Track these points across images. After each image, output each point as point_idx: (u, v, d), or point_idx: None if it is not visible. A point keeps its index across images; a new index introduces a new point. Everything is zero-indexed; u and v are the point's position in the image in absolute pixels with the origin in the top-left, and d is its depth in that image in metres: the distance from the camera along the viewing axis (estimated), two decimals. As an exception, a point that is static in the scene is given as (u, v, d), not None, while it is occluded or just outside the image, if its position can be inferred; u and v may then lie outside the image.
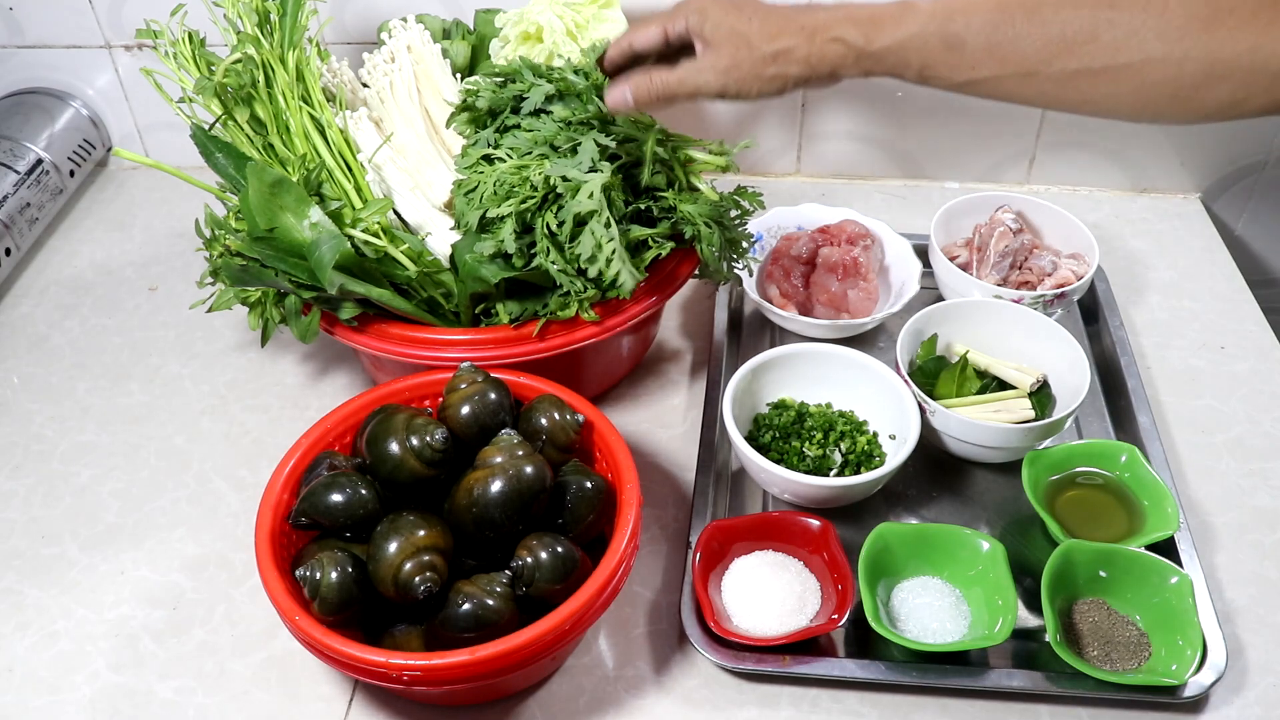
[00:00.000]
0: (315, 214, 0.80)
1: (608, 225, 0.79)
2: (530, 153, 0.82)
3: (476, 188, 0.81)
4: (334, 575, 0.65)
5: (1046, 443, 0.86)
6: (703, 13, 0.75)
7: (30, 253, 1.17)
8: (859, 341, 0.96)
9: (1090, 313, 1.03)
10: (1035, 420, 0.85)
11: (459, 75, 1.01)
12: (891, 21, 0.71)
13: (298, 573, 0.66)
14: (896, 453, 0.82)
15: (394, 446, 0.70)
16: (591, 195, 0.78)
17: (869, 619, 0.72)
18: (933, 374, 0.90)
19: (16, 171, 1.14)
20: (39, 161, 1.17)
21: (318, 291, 0.81)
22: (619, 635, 0.78)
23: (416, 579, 0.64)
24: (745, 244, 0.89)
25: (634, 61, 0.80)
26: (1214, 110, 0.66)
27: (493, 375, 0.76)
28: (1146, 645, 0.73)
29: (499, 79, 0.86)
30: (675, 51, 0.78)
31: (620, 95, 0.78)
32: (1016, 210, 1.04)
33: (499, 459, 0.68)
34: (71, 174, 1.21)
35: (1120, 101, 0.68)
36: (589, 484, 0.72)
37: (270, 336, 0.89)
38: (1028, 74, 0.68)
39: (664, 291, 0.87)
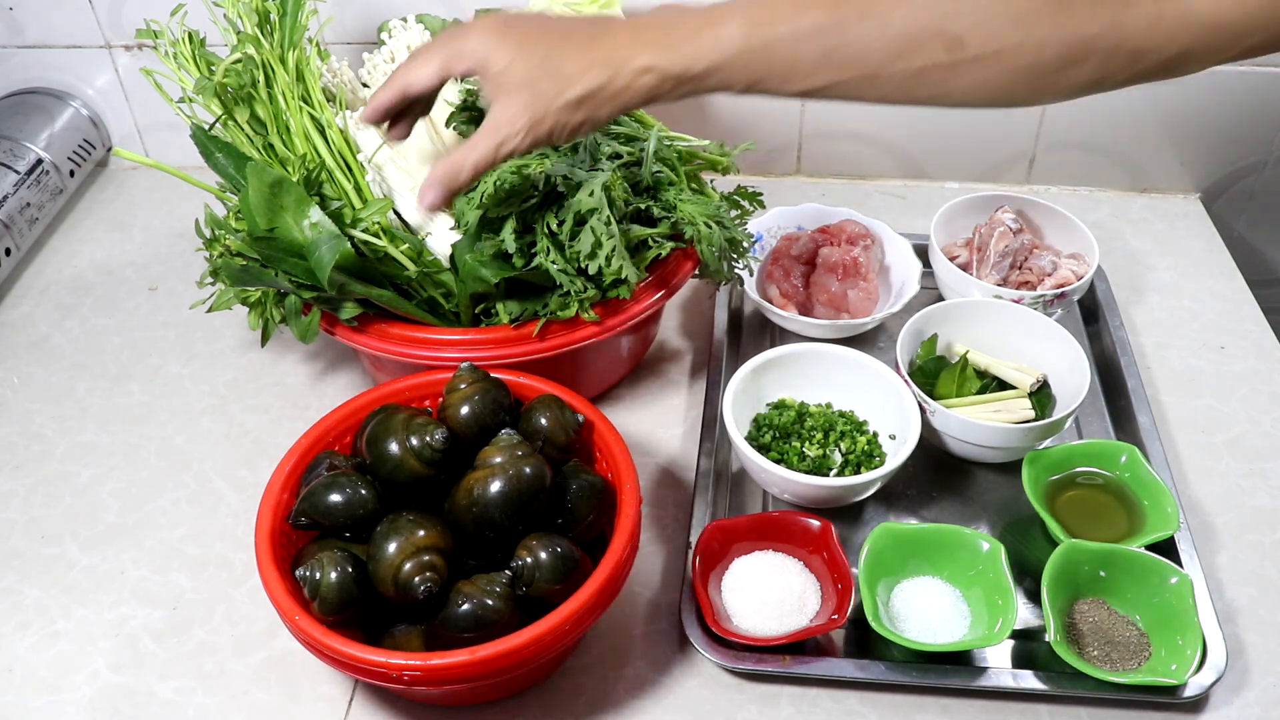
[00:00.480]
0: (315, 214, 0.80)
1: (608, 223, 0.79)
2: (530, 152, 0.82)
3: (477, 187, 0.81)
4: (334, 575, 0.65)
5: (1046, 443, 0.86)
6: (487, 52, 0.66)
7: (30, 253, 1.17)
8: (859, 341, 0.96)
9: (1090, 313, 1.03)
10: (1035, 420, 0.85)
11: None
12: (707, 38, 0.64)
13: (298, 573, 0.66)
14: (896, 453, 0.82)
15: (394, 446, 0.70)
16: (592, 194, 0.78)
17: (869, 619, 0.72)
18: (933, 374, 0.90)
19: (16, 171, 1.14)
20: (39, 161, 1.17)
21: (318, 291, 0.81)
22: (619, 635, 0.78)
23: (416, 579, 0.64)
24: (745, 244, 0.89)
25: (407, 101, 0.72)
26: (1076, 90, 0.63)
27: (493, 375, 0.76)
28: (1146, 645, 0.73)
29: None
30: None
31: (433, 196, 0.70)
32: (1016, 210, 1.04)
33: (499, 459, 0.68)
34: (71, 174, 1.21)
35: (976, 92, 0.63)
36: (589, 484, 0.72)
37: (270, 336, 0.89)
38: (869, 77, 0.63)
39: (664, 291, 0.87)
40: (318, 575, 0.65)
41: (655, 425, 0.94)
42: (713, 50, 0.64)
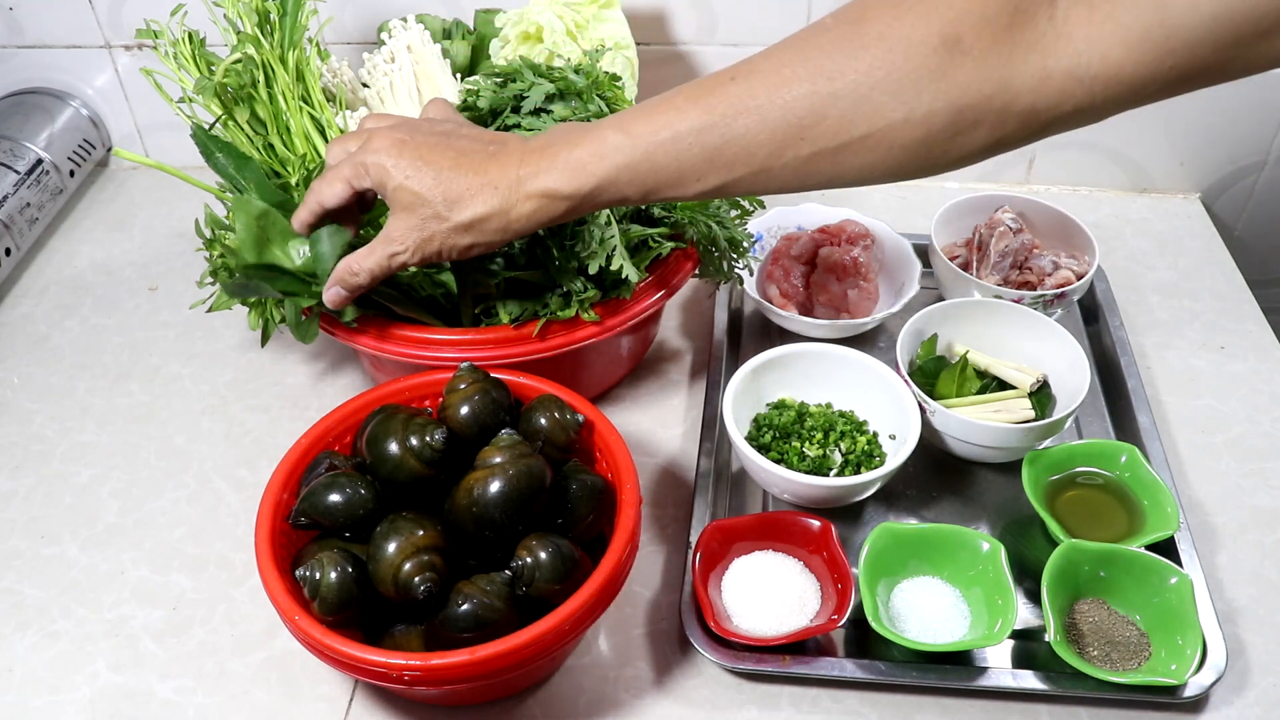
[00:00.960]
0: (304, 247, 0.80)
1: (608, 223, 0.79)
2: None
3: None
4: (334, 575, 0.65)
5: (1046, 443, 0.86)
6: (383, 171, 0.69)
7: (30, 253, 1.17)
8: (859, 341, 0.96)
9: (1090, 313, 1.03)
10: (1035, 420, 0.85)
11: (459, 75, 1.01)
12: (591, 157, 0.64)
13: (298, 573, 0.66)
14: (896, 453, 0.82)
15: (394, 446, 0.70)
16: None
17: (869, 619, 0.72)
18: (933, 374, 0.90)
19: (16, 171, 1.14)
20: (39, 161, 1.17)
21: (315, 299, 0.81)
22: (619, 635, 0.78)
23: (416, 579, 0.64)
24: (745, 244, 0.89)
25: (327, 217, 0.76)
26: (976, 154, 0.61)
27: (493, 375, 0.76)
28: (1147, 645, 0.73)
29: (499, 79, 0.86)
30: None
31: (334, 295, 0.76)
32: (1016, 210, 1.04)
33: (499, 459, 0.68)
34: (71, 174, 1.21)
35: (873, 170, 0.61)
36: (589, 484, 0.72)
37: (270, 337, 0.89)
38: (760, 170, 0.62)
39: (664, 291, 0.87)
40: (318, 575, 0.65)
41: (655, 425, 0.94)
42: (598, 168, 0.64)
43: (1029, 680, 0.72)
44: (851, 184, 0.64)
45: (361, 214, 0.79)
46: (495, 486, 0.67)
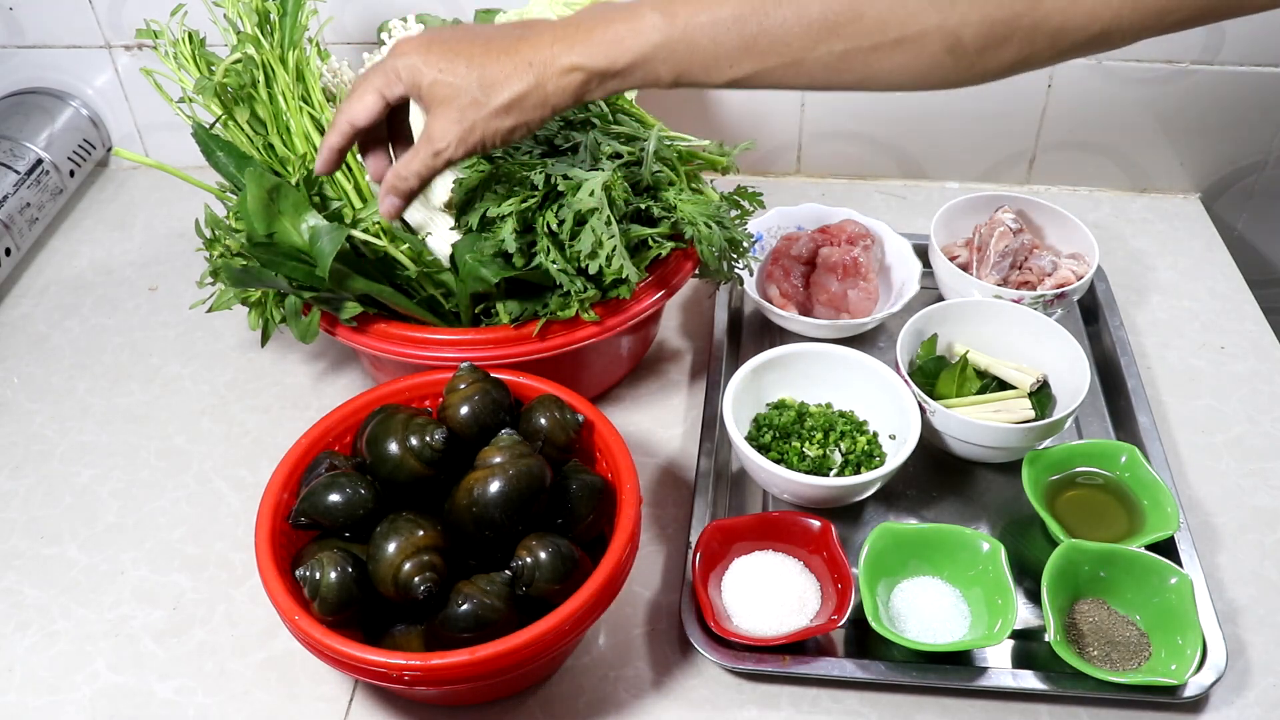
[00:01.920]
0: (313, 218, 0.80)
1: (608, 223, 0.79)
2: (531, 152, 0.82)
3: (477, 187, 0.81)
4: (334, 575, 0.65)
5: (1046, 443, 0.86)
6: (414, 71, 0.68)
7: (30, 253, 1.17)
8: (859, 341, 0.96)
9: (1090, 313, 1.03)
10: (1035, 420, 0.85)
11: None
12: (628, 33, 0.65)
13: (298, 573, 0.66)
14: (896, 453, 0.82)
15: (394, 446, 0.70)
16: (592, 193, 0.78)
17: (869, 619, 0.72)
18: (933, 374, 0.90)
19: (16, 171, 1.14)
20: (39, 161, 1.17)
21: (317, 291, 0.81)
22: (619, 635, 0.78)
23: (416, 579, 0.64)
24: (745, 244, 0.89)
25: (359, 135, 0.73)
26: (1002, 70, 0.63)
27: (493, 375, 0.76)
28: (1146, 645, 0.73)
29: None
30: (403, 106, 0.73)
31: (389, 205, 0.73)
32: (1016, 210, 1.04)
33: (499, 459, 0.68)
34: (71, 174, 1.21)
35: (901, 75, 0.63)
36: (589, 484, 0.72)
37: (270, 336, 0.89)
38: (792, 63, 0.63)
39: (664, 291, 0.87)
40: (318, 575, 0.65)
41: (655, 425, 0.94)
42: (635, 44, 0.65)
43: (1029, 680, 0.72)
44: (879, 88, 0.65)
45: (392, 140, 0.77)
46: (495, 486, 0.67)
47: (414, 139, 0.78)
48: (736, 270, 0.91)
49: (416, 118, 0.85)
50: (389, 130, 0.75)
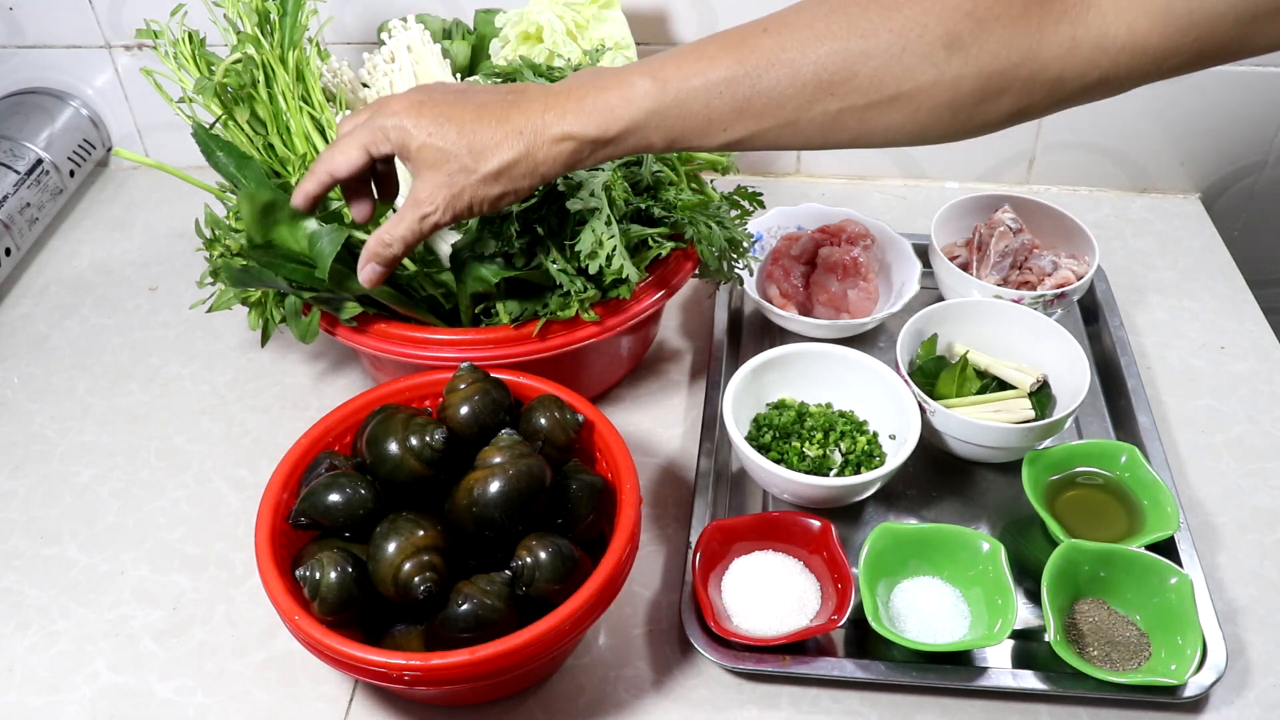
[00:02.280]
0: (311, 223, 0.80)
1: (609, 223, 0.79)
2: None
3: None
4: (334, 575, 0.65)
5: (1046, 443, 0.86)
6: (404, 133, 0.67)
7: (30, 253, 1.17)
8: (859, 341, 0.96)
9: (1090, 313, 1.03)
10: (1035, 420, 0.85)
11: (459, 75, 1.01)
12: (619, 101, 0.64)
13: (298, 573, 0.66)
14: (896, 453, 0.82)
15: (394, 446, 0.70)
16: (593, 193, 0.78)
17: (869, 619, 0.72)
18: (933, 374, 0.90)
19: (16, 171, 1.14)
20: (39, 161, 1.17)
21: (317, 292, 0.81)
22: (619, 635, 0.78)
23: (416, 579, 0.64)
24: (745, 244, 0.89)
25: (335, 187, 0.73)
26: (999, 122, 0.62)
27: (493, 375, 0.76)
28: (1146, 645, 0.73)
29: (499, 79, 0.86)
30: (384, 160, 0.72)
31: (370, 272, 0.73)
32: (1016, 210, 1.04)
33: (499, 459, 0.68)
34: (71, 174, 1.21)
35: (899, 131, 0.63)
36: (589, 484, 0.72)
37: (270, 336, 0.89)
38: (787, 124, 0.63)
39: (664, 291, 0.87)
40: (318, 575, 0.65)
41: (655, 425, 0.94)
42: (626, 112, 0.64)
43: (1029, 680, 0.72)
44: (876, 144, 0.64)
45: (376, 197, 0.77)
46: (495, 486, 0.67)
47: (398, 183, 0.78)
48: (736, 270, 0.91)
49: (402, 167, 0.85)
50: (373, 174, 0.75)
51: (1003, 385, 0.90)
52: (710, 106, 0.63)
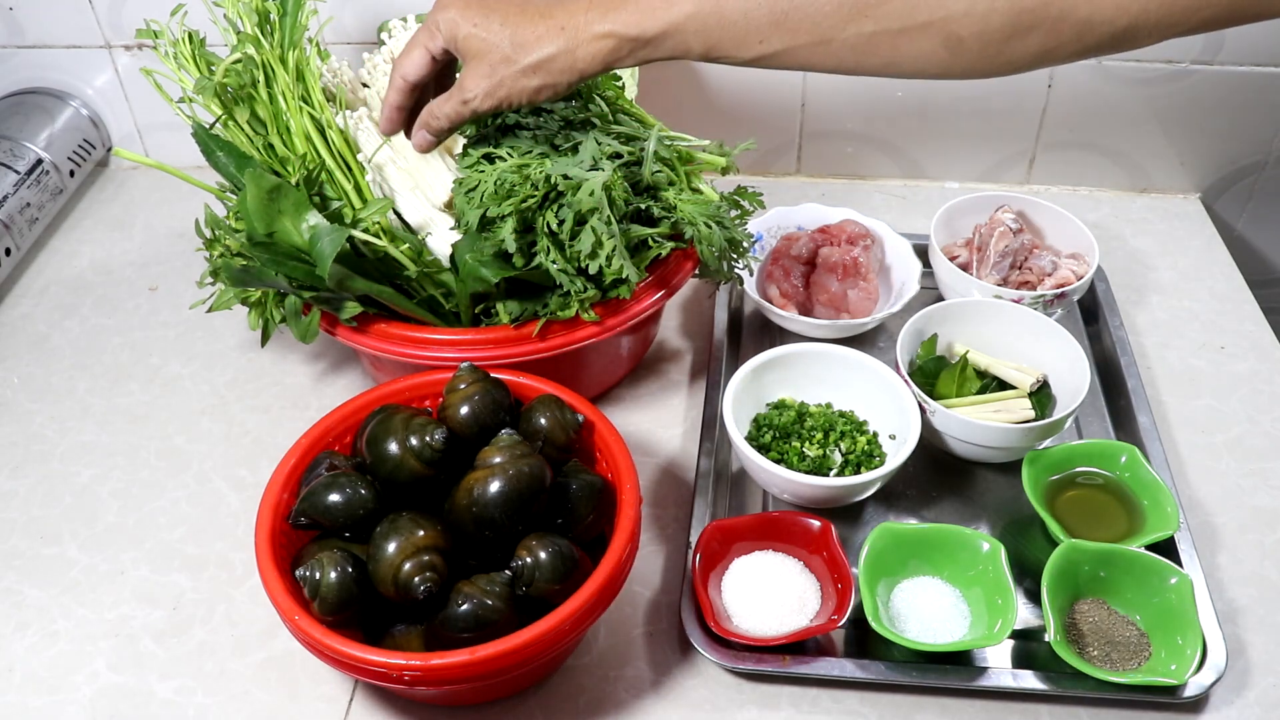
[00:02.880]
0: (314, 217, 0.80)
1: (609, 223, 0.79)
2: (531, 151, 0.82)
3: (477, 187, 0.81)
4: (334, 575, 0.65)
5: (1046, 443, 0.86)
6: (452, 24, 0.71)
7: (30, 253, 1.17)
8: (859, 341, 0.96)
9: (1090, 313, 1.03)
10: (1035, 420, 0.85)
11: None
12: (661, 3, 0.66)
13: (298, 573, 0.66)
14: (896, 453, 0.82)
15: (394, 446, 0.70)
16: (593, 193, 0.78)
17: (869, 619, 0.72)
18: (933, 374, 0.90)
19: (16, 171, 1.14)
20: (39, 161, 1.17)
21: (317, 291, 0.81)
22: (619, 635, 0.78)
23: (416, 579, 0.64)
24: (745, 244, 0.89)
25: (415, 91, 0.77)
26: (1026, 62, 0.64)
27: (493, 375, 0.76)
28: (1146, 645, 0.73)
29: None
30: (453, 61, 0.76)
31: (421, 139, 0.77)
32: (1016, 210, 1.04)
33: (499, 459, 0.68)
34: (71, 174, 1.21)
35: (927, 60, 0.64)
36: (589, 484, 0.72)
37: (270, 336, 0.89)
38: (821, 42, 0.65)
39: (664, 291, 0.87)
40: (318, 575, 0.65)
41: (655, 425, 0.94)
42: (667, 14, 0.66)
43: (1029, 680, 0.72)
44: (905, 73, 0.66)
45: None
46: (495, 486, 0.67)
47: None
48: (736, 270, 0.91)
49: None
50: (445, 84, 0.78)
51: (1003, 385, 0.90)
52: (749, 16, 0.65)
